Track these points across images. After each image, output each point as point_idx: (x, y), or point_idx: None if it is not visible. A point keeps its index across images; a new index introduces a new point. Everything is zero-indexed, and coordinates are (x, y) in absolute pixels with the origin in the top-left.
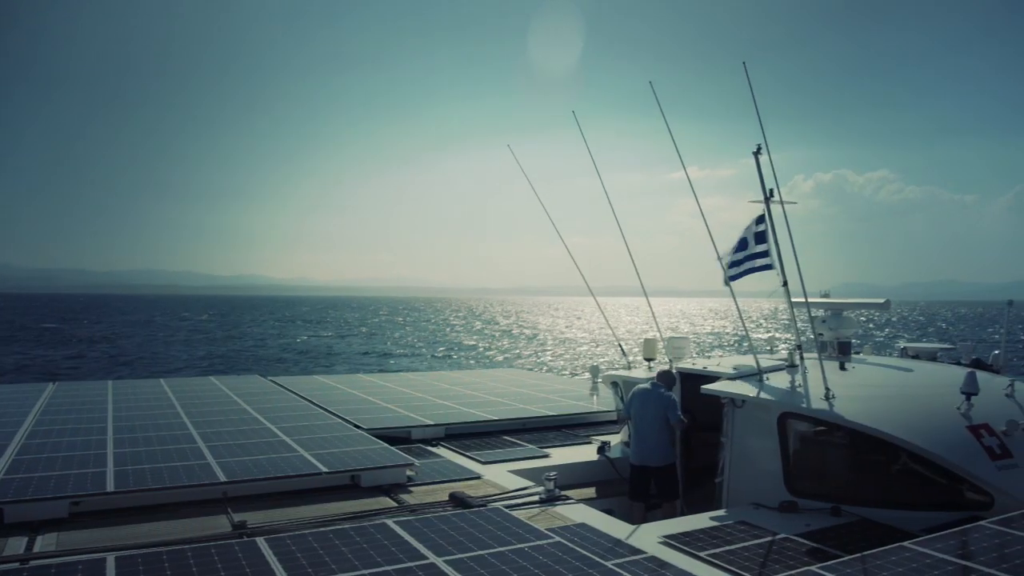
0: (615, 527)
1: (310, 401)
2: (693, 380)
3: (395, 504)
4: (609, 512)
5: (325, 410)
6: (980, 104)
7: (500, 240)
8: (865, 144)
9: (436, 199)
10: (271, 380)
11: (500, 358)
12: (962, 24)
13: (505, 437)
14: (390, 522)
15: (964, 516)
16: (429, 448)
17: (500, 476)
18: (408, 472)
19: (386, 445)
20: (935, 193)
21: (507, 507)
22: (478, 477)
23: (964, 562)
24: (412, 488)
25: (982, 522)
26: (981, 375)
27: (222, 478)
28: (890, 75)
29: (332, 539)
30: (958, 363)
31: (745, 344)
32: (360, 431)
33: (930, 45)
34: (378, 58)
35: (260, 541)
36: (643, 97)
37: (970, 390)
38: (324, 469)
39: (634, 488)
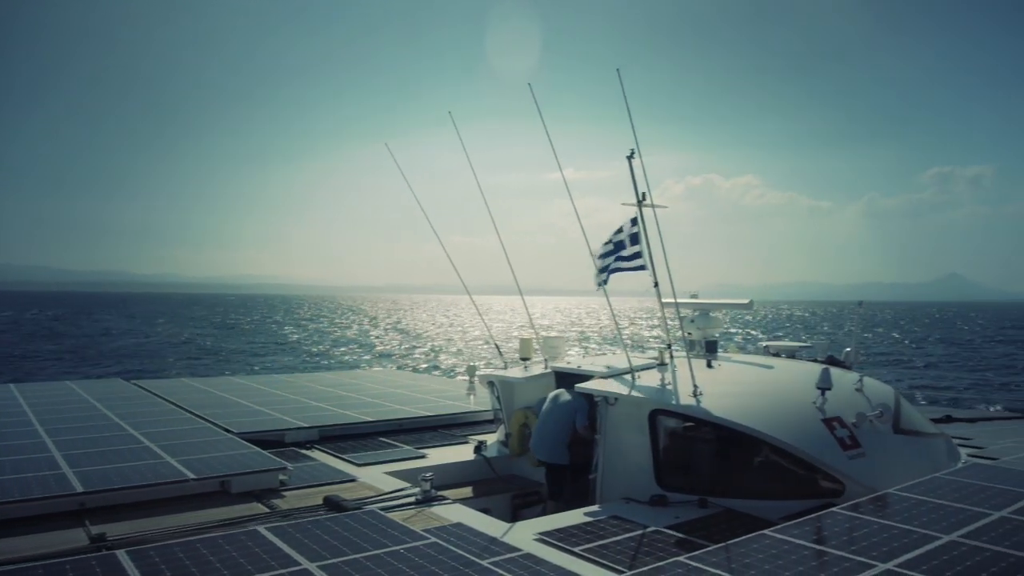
0: (491, 526)
1: (176, 405)
2: (568, 379)
3: (267, 510)
4: (486, 511)
5: (193, 414)
6: (835, 117)
7: (380, 238)
8: (732, 150)
9: (314, 196)
10: (134, 384)
11: (376, 359)
12: (819, 43)
13: (381, 439)
14: (262, 528)
15: (819, 503)
16: (303, 451)
17: (376, 478)
18: (281, 476)
19: (258, 449)
20: (795, 199)
21: (383, 509)
22: (353, 480)
23: (818, 546)
24: (285, 493)
25: (834, 508)
26: (834, 371)
27: (79, 488)
28: (755, 86)
29: (200, 548)
30: (814, 360)
31: (613, 342)
32: (230, 435)
33: (793, 59)
34: (255, 47)
35: (121, 554)
36: (522, 99)
37: (824, 385)
38: (191, 476)
39: (551, 488)
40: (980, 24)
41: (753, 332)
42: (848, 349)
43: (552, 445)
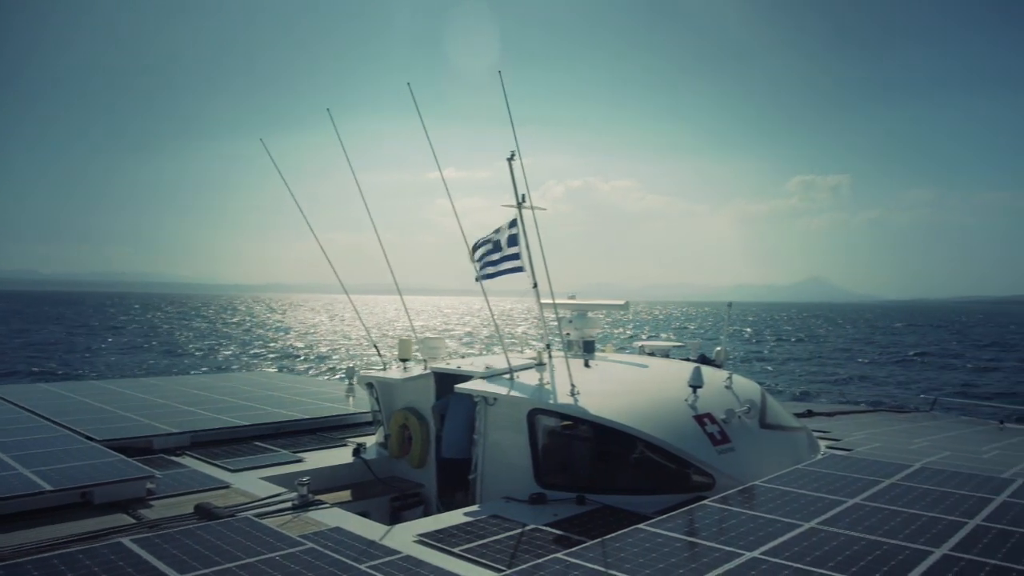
0: (370, 529)
1: (33, 412)
2: (447, 380)
3: (133, 521)
4: (365, 514)
5: (51, 421)
6: (707, 123)
7: (257, 236)
8: (612, 154)
9: (182, 189)
10: None
11: (252, 360)
12: (693, 53)
13: (257, 443)
14: (126, 541)
15: (691, 497)
16: (173, 458)
17: (251, 484)
18: (148, 485)
19: (123, 457)
20: (672, 202)
21: (257, 516)
22: (227, 486)
23: (690, 538)
24: (153, 502)
25: (705, 501)
26: (705, 369)
27: None
28: (633, 91)
29: (57, 565)
30: (687, 359)
31: (496, 342)
32: (93, 443)
33: (669, 67)
34: (124, 33)
35: None
36: (402, 97)
37: (696, 383)
38: (48, 487)
39: (442, 486)
40: (839, 40)
41: (617, 331)
42: (718, 348)
43: (457, 440)
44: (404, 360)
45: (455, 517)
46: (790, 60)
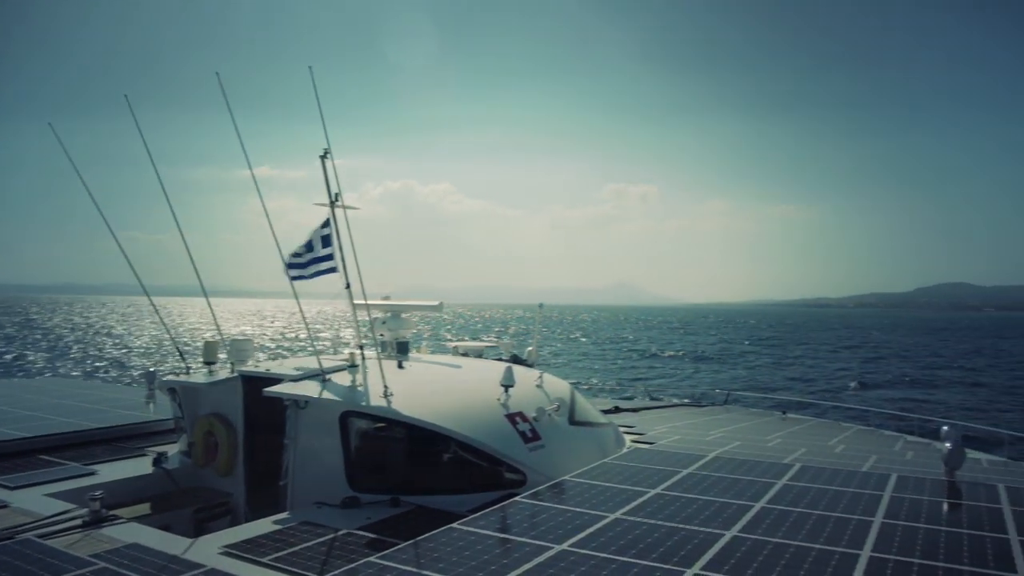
0: (171, 543)
1: None
2: (256, 383)
3: None
4: (166, 528)
5: None
6: (522, 131)
7: (42, 231)
8: (429, 158)
9: None
10: None
11: (37, 367)
12: (508, 59)
13: (41, 456)
14: None
15: (503, 494)
16: None
17: (33, 502)
18: None
19: None
20: (490, 207)
21: (41, 536)
22: (5, 505)
23: (502, 535)
24: None
25: (517, 498)
26: (517, 369)
27: None
28: (448, 97)
29: None
30: (499, 359)
31: (310, 345)
32: None
33: (483, 76)
34: None
35: None
36: (211, 89)
37: (508, 383)
38: None
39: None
40: (648, 57)
41: (432, 332)
42: (530, 348)
43: None
44: (210, 363)
45: (264, 526)
46: (603, 72)
